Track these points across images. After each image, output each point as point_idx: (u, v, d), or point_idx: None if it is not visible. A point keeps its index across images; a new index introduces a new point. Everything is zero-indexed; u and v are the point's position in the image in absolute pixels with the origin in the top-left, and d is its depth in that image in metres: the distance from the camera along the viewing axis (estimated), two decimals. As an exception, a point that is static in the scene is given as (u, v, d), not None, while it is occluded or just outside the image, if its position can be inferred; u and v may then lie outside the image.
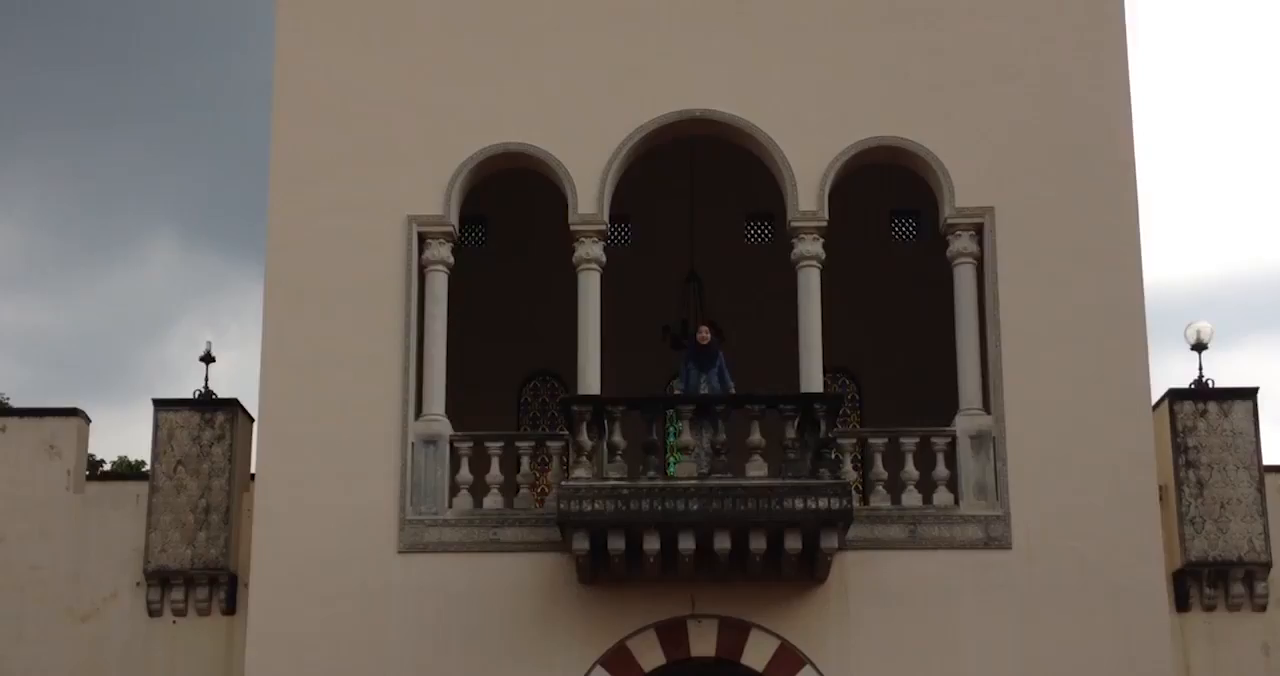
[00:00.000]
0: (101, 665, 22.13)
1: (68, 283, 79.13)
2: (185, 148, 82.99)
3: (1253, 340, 76.86)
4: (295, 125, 21.05)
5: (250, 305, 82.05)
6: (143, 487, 22.64)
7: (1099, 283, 20.30)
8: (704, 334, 20.25)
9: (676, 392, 21.13)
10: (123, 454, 46.09)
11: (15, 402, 40.10)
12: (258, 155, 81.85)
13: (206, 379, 23.17)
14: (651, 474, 18.89)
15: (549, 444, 20.59)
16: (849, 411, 25.71)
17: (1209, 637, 21.67)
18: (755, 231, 26.08)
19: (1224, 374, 26.70)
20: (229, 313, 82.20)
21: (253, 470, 22.97)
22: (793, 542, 18.67)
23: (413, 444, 20.15)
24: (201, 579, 22.05)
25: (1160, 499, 21.59)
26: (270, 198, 20.95)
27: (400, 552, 19.85)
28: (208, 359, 23.33)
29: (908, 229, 25.95)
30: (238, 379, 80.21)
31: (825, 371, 23.10)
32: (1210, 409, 22.11)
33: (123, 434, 75.62)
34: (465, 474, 20.13)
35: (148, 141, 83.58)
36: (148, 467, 23.69)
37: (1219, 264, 79.16)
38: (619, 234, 24.47)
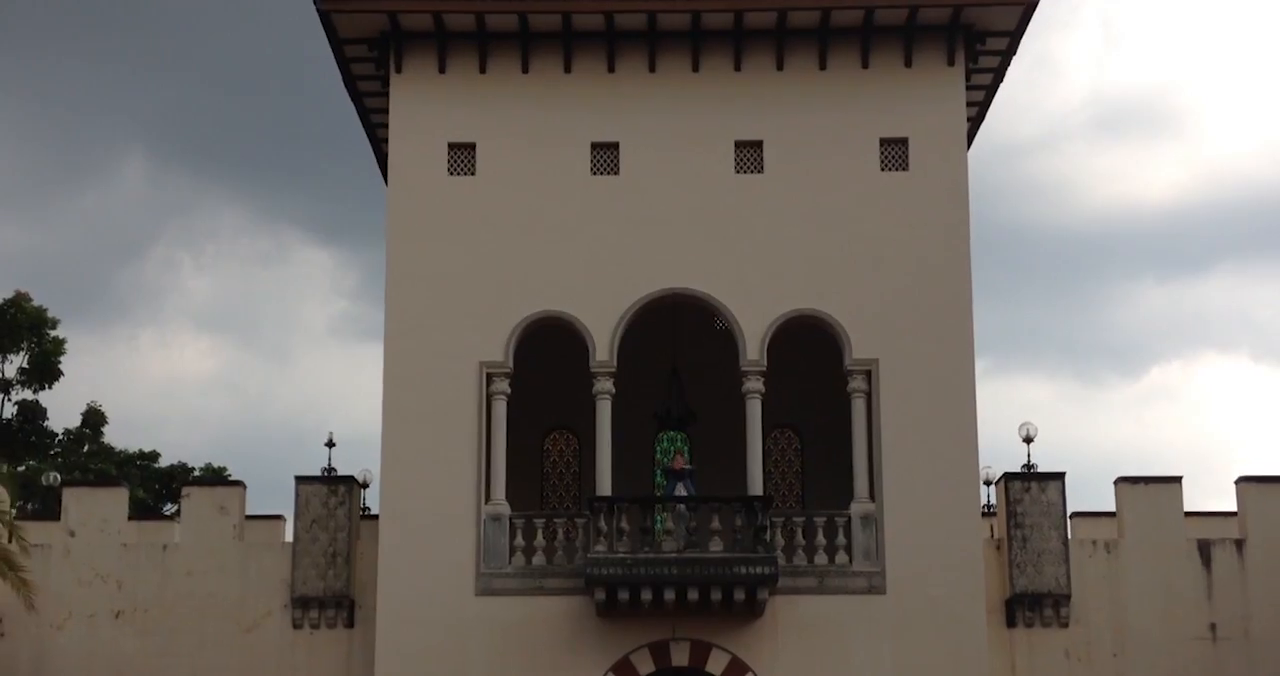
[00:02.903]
0: (260, 663, 30.88)
1: (39, 202, 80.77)
2: (152, 67, 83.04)
3: (1224, 268, 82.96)
4: (401, 297, 30.24)
5: (223, 224, 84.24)
6: (289, 533, 32.02)
7: (946, 413, 29.62)
8: (679, 461, 29.86)
9: (660, 494, 30.68)
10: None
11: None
12: (225, 74, 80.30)
13: (330, 459, 32.51)
14: (647, 549, 28.45)
15: (576, 520, 30.14)
16: (793, 458, 35.06)
17: (1028, 646, 30.69)
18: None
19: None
20: (204, 233, 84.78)
21: (364, 516, 32.41)
22: (739, 594, 28.28)
23: (484, 520, 29.48)
24: (331, 603, 30.94)
25: (997, 548, 31.35)
26: (385, 348, 30.23)
27: (477, 595, 29.14)
28: (330, 444, 32.82)
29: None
30: (224, 306, 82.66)
31: (775, 428, 32.81)
32: (1033, 486, 31.33)
33: (111, 352, 78.84)
34: (520, 540, 29.50)
35: (115, 60, 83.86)
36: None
37: (1198, 189, 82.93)
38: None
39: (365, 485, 32.94)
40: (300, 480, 31.88)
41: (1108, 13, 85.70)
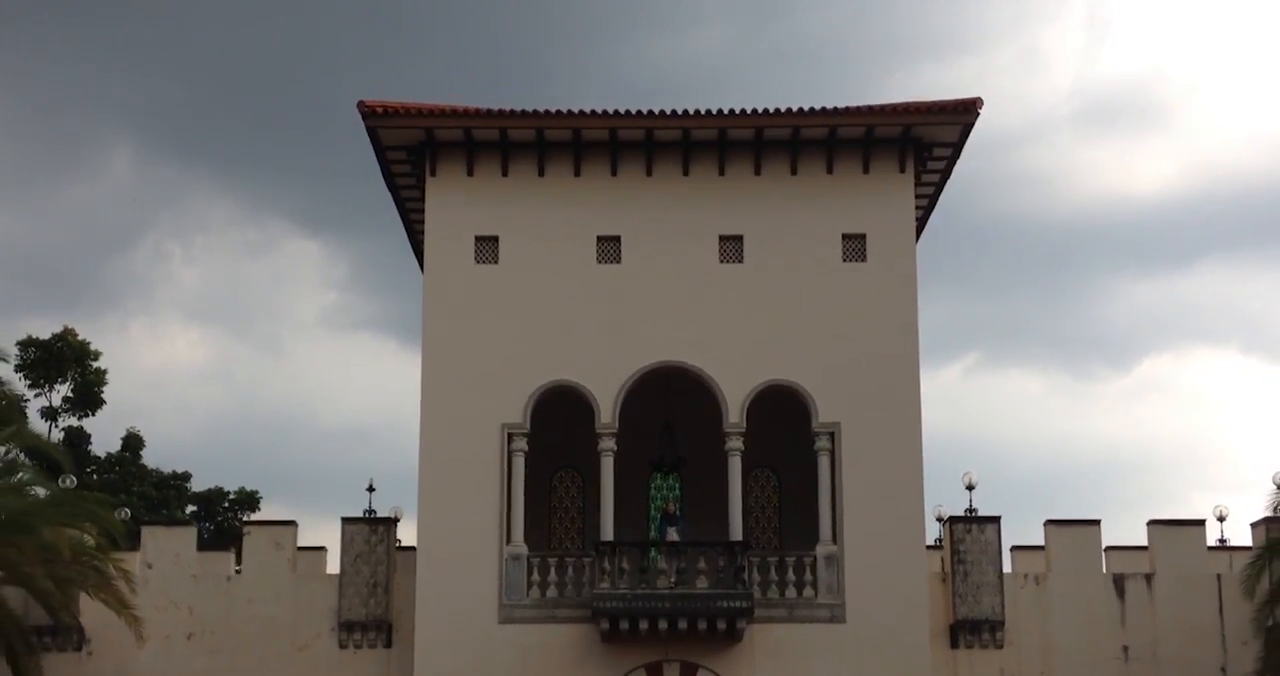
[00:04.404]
0: (311, 678, 36.47)
1: (28, 194, 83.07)
2: (138, 58, 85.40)
3: (1213, 261, 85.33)
4: (435, 368, 35.31)
5: (213, 216, 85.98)
6: (335, 564, 37.07)
7: (897, 469, 34.84)
8: (670, 507, 35.14)
9: (654, 537, 35.76)
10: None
11: None
12: (210, 65, 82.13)
13: (370, 502, 37.56)
14: (644, 586, 33.74)
15: (584, 559, 35.33)
16: (772, 494, 39.95)
17: (969, 665, 35.79)
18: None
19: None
20: (193, 224, 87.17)
21: (401, 548, 37.21)
22: (721, 624, 33.52)
23: (505, 559, 34.66)
24: (372, 626, 36.00)
25: (943, 581, 36.55)
26: (421, 412, 35.29)
27: (499, 623, 34.23)
28: (371, 488, 37.98)
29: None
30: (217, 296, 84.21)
31: (755, 467, 37.89)
32: (973, 528, 36.47)
33: (102, 342, 76.83)
34: (536, 577, 34.68)
35: (100, 52, 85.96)
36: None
37: (1185, 181, 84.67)
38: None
39: (397, 520, 38.01)
40: (346, 521, 37.02)
41: (1094, 5, 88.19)
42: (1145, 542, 37.40)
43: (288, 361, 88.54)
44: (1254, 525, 36.64)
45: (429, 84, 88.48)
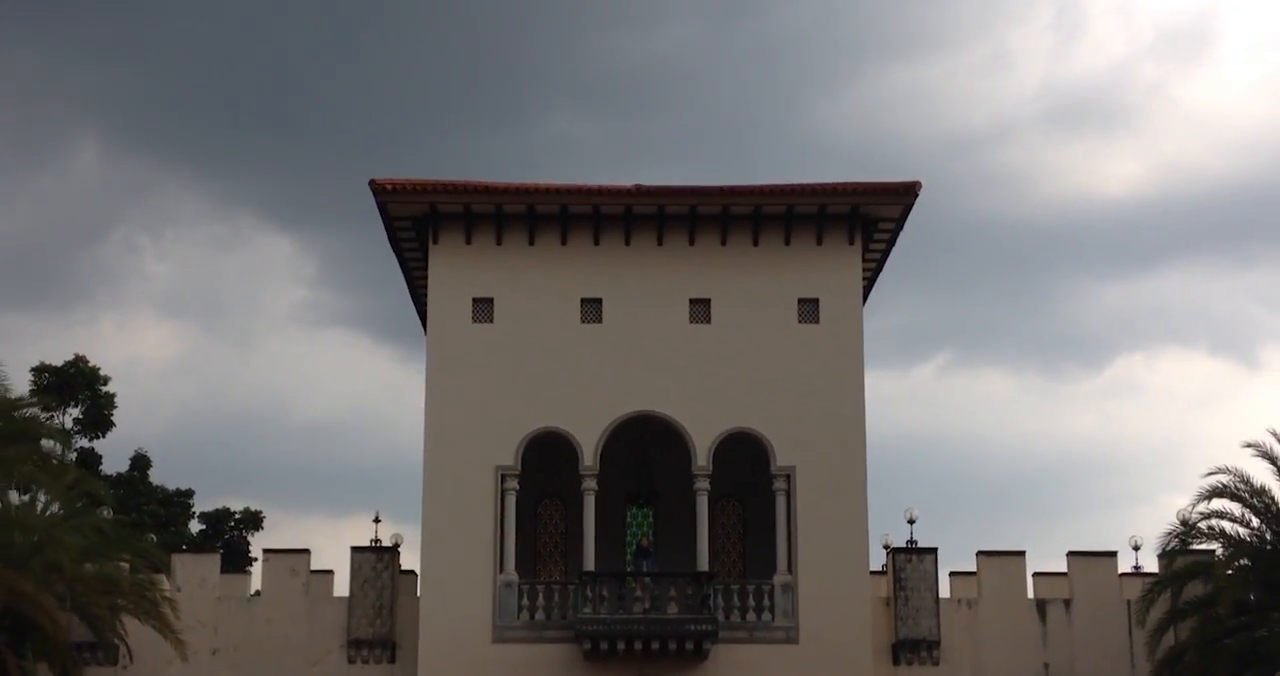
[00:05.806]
0: (323, 691, 40.95)
1: None
2: (102, 50, 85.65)
3: (1181, 262, 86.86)
4: (437, 417, 39.78)
5: (183, 210, 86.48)
6: (343, 588, 41.62)
7: (844, 508, 39.39)
8: (645, 540, 39.70)
9: (630, 568, 40.37)
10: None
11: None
12: (178, 57, 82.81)
13: (376, 533, 42.01)
14: (621, 611, 38.25)
15: (569, 586, 39.78)
16: (737, 522, 44.41)
17: None
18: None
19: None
20: (163, 217, 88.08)
21: (403, 571, 41.70)
22: (689, 645, 38.06)
23: (499, 586, 39.06)
24: (378, 644, 40.44)
25: (886, 604, 41.18)
26: (425, 456, 39.65)
27: (493, 643, 38.68)
28: (377, 520, 42.39)
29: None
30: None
31: (722, 497, 42.49)
32: (913, 558, 41.11)
33: (71, 335, 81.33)
34: (526, 601, 39.13)
35: (64, 44, 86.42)
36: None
37: (1153, 183, 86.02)
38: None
39: (398, 546, 42.31)
40: (355, 550, 41.50)
41: (1062, 6, 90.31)
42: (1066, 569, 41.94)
43: (259, 356, 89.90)
44: (1160, 557, 41.15)
45: (406, 85, 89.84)
